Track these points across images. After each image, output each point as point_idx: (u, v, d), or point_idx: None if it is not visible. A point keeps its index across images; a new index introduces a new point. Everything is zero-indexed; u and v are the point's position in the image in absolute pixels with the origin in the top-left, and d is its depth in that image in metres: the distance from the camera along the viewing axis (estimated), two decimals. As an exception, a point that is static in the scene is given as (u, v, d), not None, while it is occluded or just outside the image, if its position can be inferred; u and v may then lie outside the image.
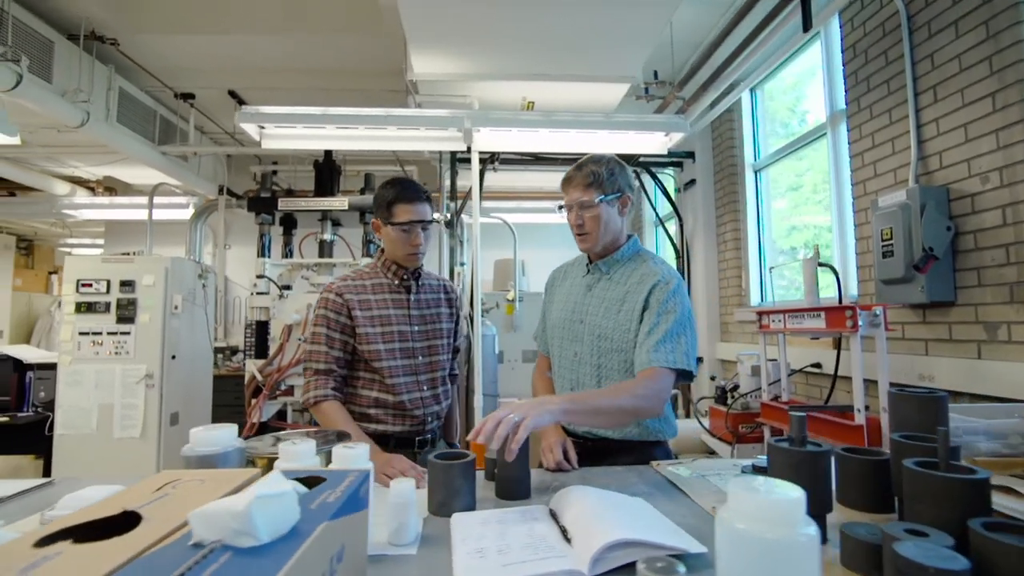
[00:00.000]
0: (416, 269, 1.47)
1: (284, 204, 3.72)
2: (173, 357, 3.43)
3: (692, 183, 3.80)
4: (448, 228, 3.58)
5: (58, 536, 0.48)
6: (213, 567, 0.42)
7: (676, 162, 3.98)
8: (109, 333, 3.30)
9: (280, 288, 3.35)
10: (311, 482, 0.66)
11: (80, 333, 3.28)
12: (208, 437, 0.80)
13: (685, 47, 3.07)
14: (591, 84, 2.93)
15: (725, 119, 3.51)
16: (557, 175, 1.63)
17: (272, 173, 4.59)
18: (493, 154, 3.56)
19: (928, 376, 1.89)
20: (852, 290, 2.38)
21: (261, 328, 3.28)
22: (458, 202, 3.57)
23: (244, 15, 3.01)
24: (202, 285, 3.63)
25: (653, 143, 2.94)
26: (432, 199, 1.46)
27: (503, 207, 4.67)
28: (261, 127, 2.68)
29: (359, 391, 1.38)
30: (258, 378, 3.14)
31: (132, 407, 3.29)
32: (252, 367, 3.19)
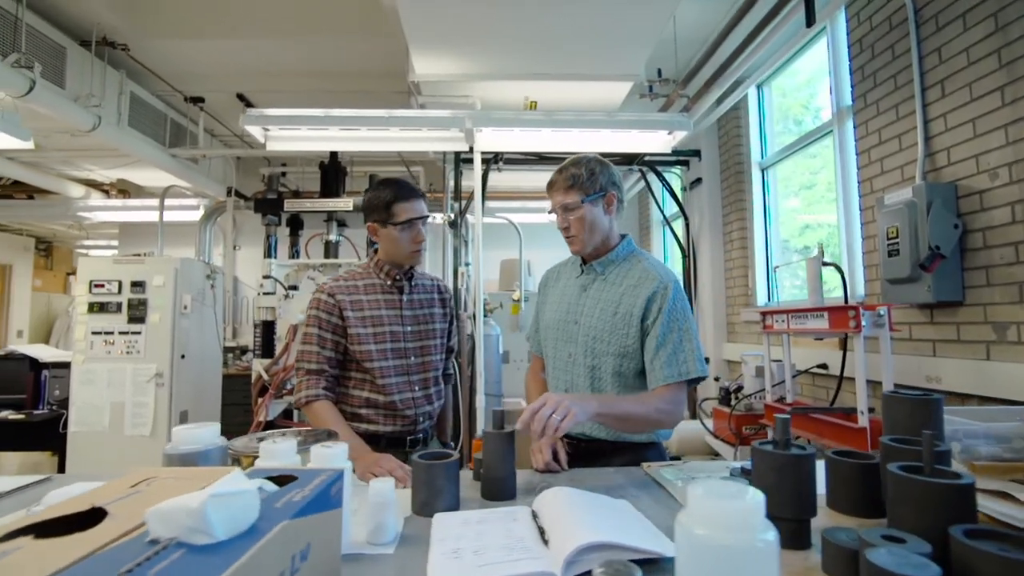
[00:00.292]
0: (409, 269, 1.48)
1: (290, 205, 3.77)
2: (183, 356, 3.48)
3: (698, 182, 3.76)
4: (452, 228, 3.59)
5: (22, 532, 0.49)
6: (163, 564, 0.42)
7: (682, 161, 3.94)
8: (121, 333, 3.36)
9: (286, 288, 3.39)
10: (284, 481, 0.67)
11: (93, 333, 3.35)
12: (189, 435, 0.81)
13: (689, 45, 3.04)
14: (593, 83, 2.91)
15: (732, 117, 3.47)
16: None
17: (281, 175, 4.65)
18: (497, 154, 3.56)
19: (935, 378, 1.84)
20: (859, 290, 2.34)
21: (268, 328, 3.32)
22: (462, 202, 3.57)
23: (251, 20, 3.06)
24: (210, 285, 3.68)
25: (656, 142, 2.91)
26: (426, 195, 1.47)
27: (509, 207, 4.67)
28: (266, 129, 2.71)
29: (350, 391, 1.38)
30: (264, 377, 3.18)
31: (143, 405, 3.35)
32: (258, 366, 3.23)
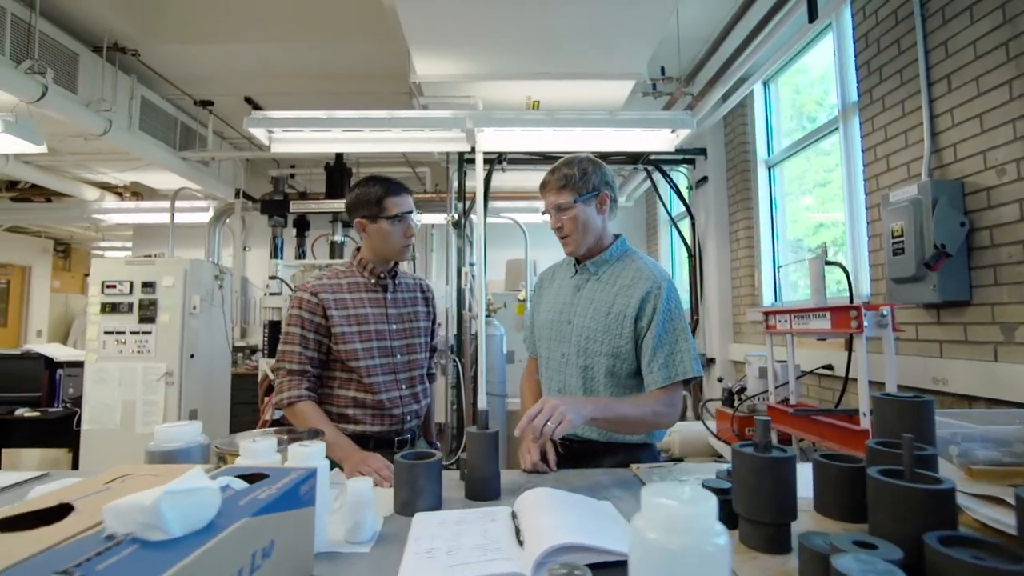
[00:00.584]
0: (393, 268, 1.47)
1: (296, 207, 3.81)
2: (192, 356, 3.54)
3: (704, 180, 3.72)
4: (456, 228, 3.60)
5: (-12, 526, 0.50)
6: (113, 559, 0.43)
7: (688, 159, 3.90)
8: (132, 332, 3.43)
9: (292, 288, 3.43)
10: (256, 479, 0.67)
11: (105, 332, 3.42)
12: (171, 433, 0.82)
13: (693, 42, 3.01)
14: (596, 82, 2.90)
15: (738, 114, 3.43)
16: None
17: (289, 176, 4.71)
18: (500, 154, 3.56)
19: (942, 379, 1.80)
20: (866, 289, 2.29)
21: (274, 328, 3.36)
22: (466, 202, 3.58)
23: (257, 24, 3.10)
24: (218, 286, 3.73)
25: (660, 140, 2.88)
26: (412, 192, 1.46)
27: (514, 207, 4.66)
28: (270, 132, 2.74)
29: (336, 391, 1.36)
30: (271, 377, 3.22)
31: (153, 404, 3.41)
32: (265, 366, 3.28)
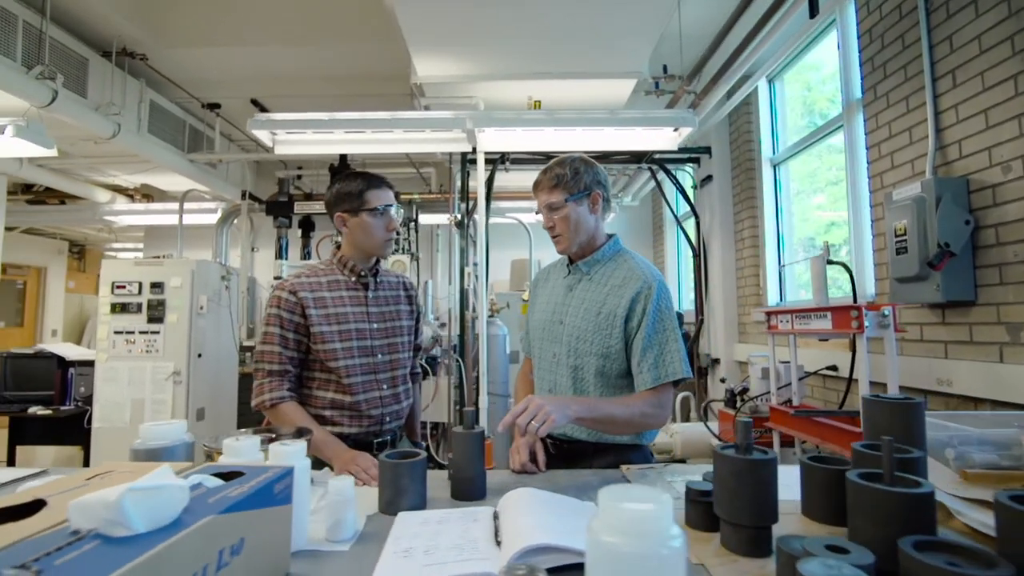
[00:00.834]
0: (375, 265, 1.43)
1: (300, 208, 3.85)
2: (199, 355, 3.59)
3: (709, 179, 3.69)
4: (459, 229, 3.61)
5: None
6: (72, 554, 0.43)
7: (693, 158, 3.87)
8: (141, 332, 3.48)
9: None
10: (233, 477, 0.68)
11: (115, 332, 3.48)
12: (156, 431, 0.83)
13: (695, 41, 2.97)
14: (597, 81, 2.89)
15: (743, 112, 3.39)
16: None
17: (296, 178, 4.76)
18: (503, 154, 3.56)
19: (946, 381, 1.76)
20: (870, 289, 2.25)
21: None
22: (469, 202, 3.58)
23: (262, 28, 3.13)
24: (225, 287, 3.78)
25: (662, 139, 2.86)
26: (394, 187, 1.44)
27: (519, 207, 4.67)
28: (273, 134, 2.77)
29: (314, 392, 1.33)
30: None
31: (161, 402, 3.47)
32: (269, 365, 3.30)
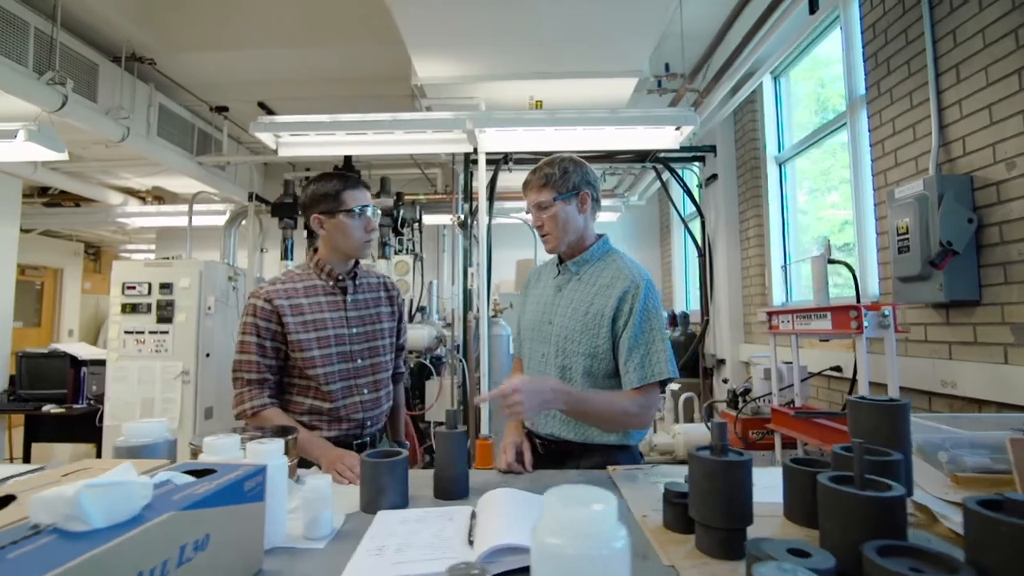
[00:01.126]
0: (353, 268, 1.41)
1: (306, 209, 3.90)
2: (207, 355, 3.64)
3: (714, 178, 3.65)
4: (463, 229, 3.61)
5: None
6: (28, 547, 0.44)
7: (698, 157, 3.83)
8: (150, 332, 3.55)
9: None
10: (206, 474, 0.69)
11: (125, 332, 3.54)
12: (139, 429, 0.84)
13: (697, 39, 2.95)
14: (598, 80, 2.87)
15: (747, 110, 3.35)
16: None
17: (304, 179, 4.80)
18: (506, 154, 3.56)
19: (950, 382, 1.72)
20: (874, 288, 2.21)
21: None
22: (472, 203, 3.59)
23: (267, 31, 3.17)
24: (232, 287, 3.83)
25: (664, 138, 2.84)
26: (370, 188, 1.44)
27: (523, 207, 4.65)
28: (276, 136, 2.81)
29: (294, 397, 1.32)
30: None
31: (170, 401, 3.53)
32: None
